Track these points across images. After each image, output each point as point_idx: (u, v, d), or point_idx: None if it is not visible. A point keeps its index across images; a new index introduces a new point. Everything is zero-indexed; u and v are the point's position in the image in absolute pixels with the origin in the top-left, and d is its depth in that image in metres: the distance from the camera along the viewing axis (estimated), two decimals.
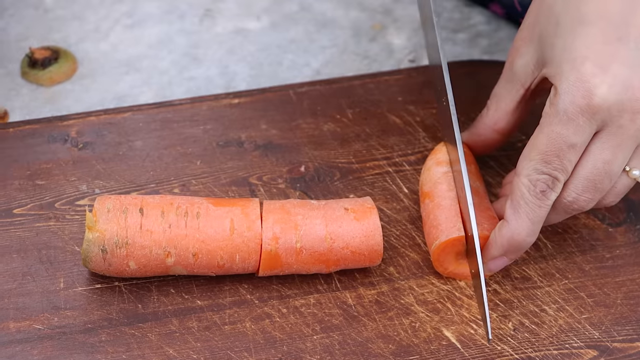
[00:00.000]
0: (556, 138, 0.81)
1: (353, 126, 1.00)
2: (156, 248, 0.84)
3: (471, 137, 0.94)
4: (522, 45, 0.87)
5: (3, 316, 0.84)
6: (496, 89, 0.91)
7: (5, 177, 0.94)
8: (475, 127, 0.93)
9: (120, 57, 1.09)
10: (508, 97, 0.90)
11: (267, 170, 0.96)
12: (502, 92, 0.90)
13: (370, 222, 0.86)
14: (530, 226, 0.83)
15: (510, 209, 0.84)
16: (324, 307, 0.87)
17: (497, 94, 0.91)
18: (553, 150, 0.81)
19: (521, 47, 0.87)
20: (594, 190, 0.83)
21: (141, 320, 0.85)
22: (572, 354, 0.84)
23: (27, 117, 1.02)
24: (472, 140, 0.94)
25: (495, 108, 0.91)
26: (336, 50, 1.11)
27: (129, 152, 0.97)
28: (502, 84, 0.90)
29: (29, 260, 0.88)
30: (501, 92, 0.91)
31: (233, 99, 1.02)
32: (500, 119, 0.91)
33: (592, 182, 0.82)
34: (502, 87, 0.90)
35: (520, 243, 0.84)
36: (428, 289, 0.88)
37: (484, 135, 0.93)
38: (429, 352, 0.84)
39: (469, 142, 0.94)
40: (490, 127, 0.92)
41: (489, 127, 0.92)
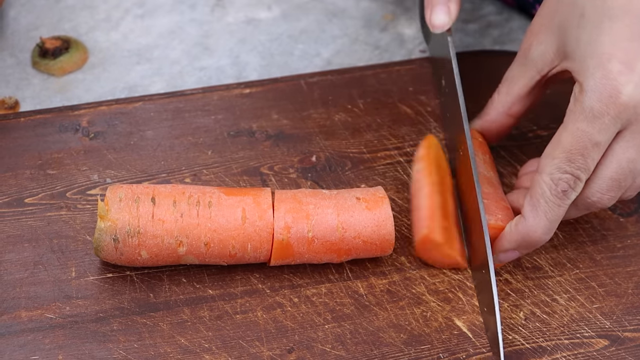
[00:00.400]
0: (581, 136, 0.80)
1: (364, 116, 1.00)
2: (168, 237, 0.84)
3: (483, 123, 0.93)
4: (541, 31, 0.87)
5: (15, 305, 0.84)
6: (509, 73, 0.91)
7: (17, 166, 0.94)
8: (487, 113, 0.93)
9: (131, 46, 1.09)
10: (521, 82, 0.89)
11: (278, 160, 0.96)
12: (515, 75, 0.90)
13: (382, 211, 0.86)
14: (548, 225, 0.83)
15: (528, 205, 0.83)
16: (335, 296, 0.87)
17: (509, 78, 0.91)
18: (578, 148, 0.80)
19: (539, 33, 0.87)
20: (618, 188, 0.82)
21: (153, 310, 0.85)
22: (583, 343, 0.84)
23: (38, 106, 1.02)
24: (484, 126, 0.94)
25: (507, 91, 0.91)
26: (347, 40, 1.11)
27: (140, 141, 0.97)
28: (516, 67, 0.90)
29: (40, 250, 0.88)
30: (514, 75, 0.90)
31: (244, 89, 1.02)
32: (512, 102, 0.91)
33: (616, 182, 0.82)
34: (515, 71, 0.90)
35: (536, 240, 0.84)
36: (439, 279, 0.88)
37: (496, 119, 0.92)
38: (440, 341, 0.84)
39: (481, 129, 0.94)
40: (502, 111, 0.92)
41: (501, 111, 0.92)
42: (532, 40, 0.87)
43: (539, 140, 0.98)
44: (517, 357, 0.83)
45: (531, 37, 0.88)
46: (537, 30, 0.87)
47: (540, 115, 1.00)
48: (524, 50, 0.89)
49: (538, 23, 0.87)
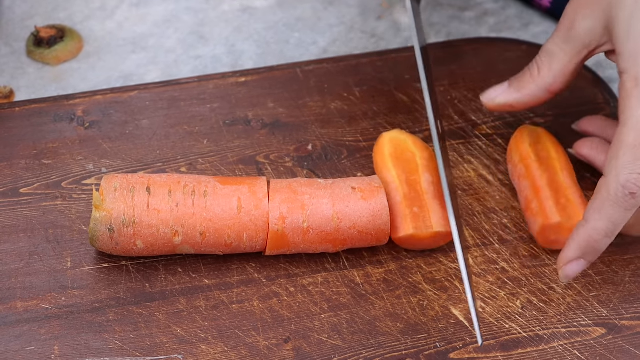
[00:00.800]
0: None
1: (360, 104, 1.00)
2: (163, 227, 0.83)
3: (521, 97, 0.88)
4: (586, 5, 0.83)
5: (10, 296, 0.84)
6: (549, 47, 0.86)
7: (12, 156, 0.94)
8: (524, 87, 0.88)
9: (126, 35, 1.09)
10: (565, 58, 0.85)
11: (274, 148, 0.96)
12: (557, 51, 0.85)
13: (378, 201, 0.86)
14: (611, 228, 0.79)
15: (592, 209, 0.79)
16: (331, 285, 0.86)
17: (551, 53, 0.86)
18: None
19: (584, 7, 0.83)
20: None
21: (149, 300, 0.85)
22: (580, 332, 0.84)
23: (33, 96, 1.02)
24: (520, 100, 0.88)
25: (549, 68, 0.86)
26: (343, 28, 1.11)
27: (136, 131, 0.96)
28: (558, 43, 0.85)
29: (36, 240, 0.88)
30: (556, 51, 0.85)
31: (240, 78, 1.02)
32: (555, 78, 0.86)
33: None
34: (557, 47, 0.85)
35: (598, 243, 0.80)
36: (436, 267, 0.88)
37: (535, 94, 0.87)
38: (437, 330, 0.84)
39: (516, 101, 0.88)
40: (542, 87, 0.87)
41: (543, 88, 0.86)
42: (576, 14, 0.84)
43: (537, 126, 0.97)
44: (514, 345, 0.83)
45: (575, 11, 0.84)
46: (583, 5, 0.83)
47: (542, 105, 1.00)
48: (566, 25, 0.84)
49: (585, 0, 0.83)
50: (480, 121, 0.99)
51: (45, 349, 0.81)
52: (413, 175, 0.90)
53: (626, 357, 0.83)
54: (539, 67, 0.87)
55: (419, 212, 0.87)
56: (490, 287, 0.87)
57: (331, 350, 0.82)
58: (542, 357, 0.82)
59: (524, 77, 0.88)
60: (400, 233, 0.87)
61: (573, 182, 0.90)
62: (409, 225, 0.87)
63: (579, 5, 0.84)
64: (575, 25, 0.84)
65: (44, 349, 0.81)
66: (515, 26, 1.11)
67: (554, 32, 0.86)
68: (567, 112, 0.99)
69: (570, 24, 0.85)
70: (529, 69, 0.87)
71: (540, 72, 0.87)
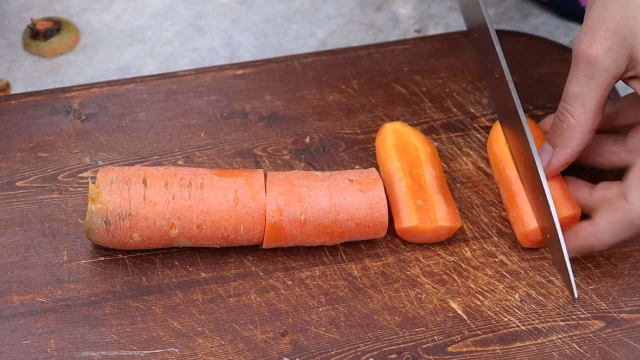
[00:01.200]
0: None
1: (358, 97, 0.99)
2: (160, 219, 0.83)
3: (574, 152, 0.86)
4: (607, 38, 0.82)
5: (6, 289, 0.84)
6: (576, 91, 0.84)
7: (8, 149, 0.93)
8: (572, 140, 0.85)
9: (123, 27, 1.08)
10: (597, 94, 0.84)
11: (271, 141, 0.95)
12: (585, 91, 0.84)
13: (375, 193, 0.85)
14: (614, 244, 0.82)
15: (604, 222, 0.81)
16: (329, 279, 0.86)
17: (579, 96, 0.84)
18: None
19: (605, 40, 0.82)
20: None
21: (145, 293, 0.84)
22: (579, 325, 0.84)
23: (29, 88, 1.01)
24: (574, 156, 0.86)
25: (584, 110, 0.84)
26: (342, 20, 1.10)
27: (132, 123, 0.96)
28: (584, 82, 0.84)
29: (32, 233, 0.87)
30: (584, 91, 0.84)
31: (237, 70, 1.01)
32: (595, 117, 0.84)
33: None
34: (584, 87, 0.84)
35: (595, 250, 0.83)
36: (434, 260, 0.87)
37: (585, 141, 0.85)
38: (435, 323, 0.83)
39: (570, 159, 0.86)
40: (588, 131, 0.85)
41: (587, 131, 0.85)
42: (596, 49, 0.82)
43: (535, 120, 0.97)
44: (513, 339, 0.83)
45: (590, 47, 0.82)
46: (601, 37, 0.82)
47: (536, 95, 1.00)
48: (585, 64, 0.83)
49: (601, 30, 0.82)
50: (479, 114, 0.98)
51: (41, 343, 0.81)
52: (416, 169, 0.90)
53: (625, 350, 0.82)
54: (573, 114, 0.85)
55: (423, 205, 0.87)
56: (488, 280, 0.86)
57: (329, 343, 0.82)
58: (540, 351, 0.82)
59: (562, 131, 0.86)
60: (404, 224, 0.87)
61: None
62: (413, 216, 0.86)
63: (595, 40, 0.83)
64: (600, 60, 0.82)
65: (39, 343, 0.81)
66: (514, 17, 1.11)
67: (574, 75, 0.84)
68: None
69: (592, 60, 0.83)
70: (563, 121, 0.85)
71: (576, 118, 0.85)
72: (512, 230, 0.89)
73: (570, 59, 1.02)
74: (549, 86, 1.01)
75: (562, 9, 1.10)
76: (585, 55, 0.83)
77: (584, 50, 0.83)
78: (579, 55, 0.83)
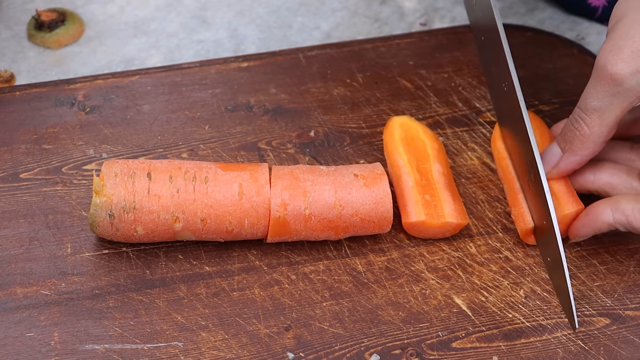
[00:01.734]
0: None
1: (363, 90, 0.99)
2: (164, 213, 0.83)
3: (583, 159, 0.86)
4: (633, 58, 0.81)
5: (10, 281, 0.84)
6: (596, 105, 0.83)
7: (12, 141, 0.93)
8: (583, 148, 0.85)
9: (127, 19, 1.08)
10: (617, 111, 0.83)
11: (276, 135, 0.95)
12: (606, 106, 0.83)
13: (380, 188, 0.85)
14: None
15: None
16: (333, 273, 0.86)
17: (599, 109, 0.83)
18: None
19: (632, 60, 0.81)
20: None
21: (149, 287, 0.84)
22: (584, 321, 0.83)
23: (34, 80, 1.01)
24: (582, 162, 0.87)
25: (600, 123, 0.83)
26: (347, 13, 1.10)
27: (137, 116, 0.96)
28: (606, 98, 0.83)
29: (35, 226, 0.87)
30: (605, 107, 0.83)
31: (242, 63, 1.01)
32: (610, 130, 0.84)
33: None
34: (606, 102, 0.83)
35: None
36: (439, 256, 0.87)
37: (596, 151, 0.86)
38: (439, 319, 0.83)
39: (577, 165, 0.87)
40: (600, 142, 0.85)
41: (599, 142, 0.85)
42: (623, 68, 0.81)
43: (540, 115, 0.97)
44: (517, 335, 0.82)
45: (616, 65, 0.81)
46: (628, 56, 0.81)
47: (542, 90, 0.99)
48: (609, 81, 0.82)
49: (628, 49, 0.81)
50: (484, 108, 0.98)
51: (44, 335, 0.81)
52: (424, 164, 0.89)
53: (630, 347, 0.82)
54: (588, 124, 0.84)
55: (430, 200, 0.87)
56: (493, 276, 0.86)
57: (332, 338, 0.82)
58: (545, 347, 0.82)
59: (575, 138, 0.85)
60: (411, 218, 0.86)
61: None
62: (420, 211, 0.86)
63: (621, 59, 0.81)
64: (625, 80, 0.81)
65: (43, 335, 0.81)
66: (520, 11, 1.10)
67: (595, 89, 0.83)
68: (573, 99, 0.98)
69: (616, 80, 0.82)
70: (577, 129, 0.85)
71: (591, 129, 0.84)
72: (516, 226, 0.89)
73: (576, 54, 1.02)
74: (554, 81, 1.00)
75: (567, 3, 1.10)
76: (609, 73, 0.82)
77: (609, 68, 0.81)
78: (602, 71, 0.82)
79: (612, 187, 0.87)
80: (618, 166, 0.87)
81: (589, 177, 0.88)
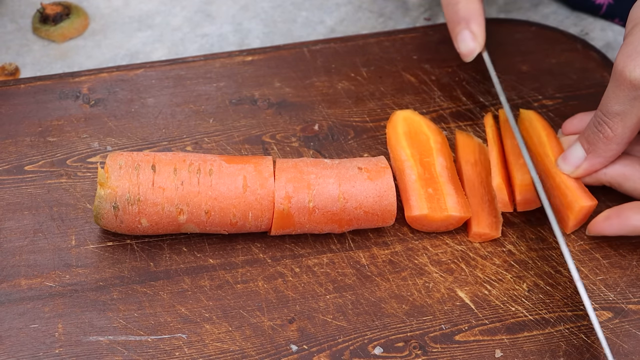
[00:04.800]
0: None
1: (368, 84, 0.99)
2: (168, 205, 0.83)
3: (606, 161, 0.87)
4: None
5: (14, 273, 0.84)
6: (618, 109, 0.84)
7: (17, 133, 0.93)
8: (607, 150, 0.86)
9: (132, 13, 1.08)
10: (638, 114, 0.84)
11: (280, 128, 0.95)
12: (628, 110, 0.83)
13: (384, 182, 0.85)
14: None
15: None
16: (337, 266, 0.86)
17: (621, 113, 0.84)
18: None
19: None
20: None
21: (153, 279, 0.84)
22: (587, 315, 0.83)
23: (39, 73, 1.01)
24: (605, 164, 0.88)
25: (623, 125, 0.84)
26: (351, 7, 1.10)
27: (141, 109, 0.96)
28: (627, 102, 0.83)
29: (40, 218, 0.87)
30: (627, 110, 0.83)
31: (246, 57, 1.01)
32: (633, 132, 0.85)
33: None
34: (628, 106, 0.83)
35: None
36: (442, 249, 0.87)
37: (617, 152, 0.87)
38: (442, 312, 0.83)
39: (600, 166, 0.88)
40: (623, 144, 0.86)
41: (623, 144, 0.86)
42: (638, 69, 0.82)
43: (544, 110, 0.97)
44: (520, 328, 0.83)
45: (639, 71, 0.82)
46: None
47: (545, 84, 0.99)
48: (632, 86, 0.82)
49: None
50: (488, 103, 0.98)
51: (49, 327, 0.81)
52: (427, 158, 0.90)
53: (633, 341, 0.82)
54: (612, 127, 0.85)
55: (433, 194, 0.87)
56: (496, 270, 0.86)
57: (336, 331, 0.82)
58: (548, 341, 0.82)
59: (598, 141, 0.86)
60: (414, 212, 0.86)
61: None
62: (423, 204, 0.86)
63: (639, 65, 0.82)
64: None
65: (47, 327, 0.81)
66: (524, 6, 1.10)
67: (615, 94, 0.83)
68: (577, 94, 0.98)
69: (636, 85, 0.82)
70: (600, 131, 0.85)
71: (614, 132, 0.85)
72: (519, 220, 0.89)
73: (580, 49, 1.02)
74: (558, 76, 1.00)
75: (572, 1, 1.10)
76: (629, 79, 0.82)
77: (628, 74, 0.82)
78: (620, 76, 0.82)
79: (625, 177, 0.87)
80: (631, 157, 0.88)
81: (601, 169, 0.88)
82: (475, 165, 0.91)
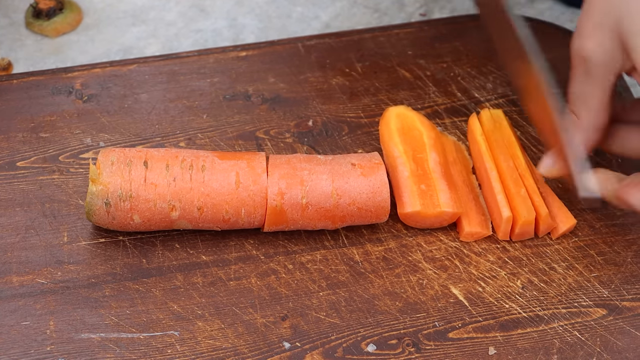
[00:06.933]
0: None
1: (362, 80, 0.99)
2: (160, 201, 0.82)
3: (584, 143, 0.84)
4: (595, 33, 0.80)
5: (6, 270, 0.84)
6: (575, 90, 0.83)
7: (9, 129, 0.93)
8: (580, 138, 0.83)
9: (126, 7, 1.07)
10: (597, 91, 0.82)
11: (274, 124, 0.95)
12: (585, 89, 0.82)
13: (378, 178, 0.85)
14: None
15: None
16: (330, 263, 0.86)
17: (580, 94, 0.82)
18: None
19: (594, 35, 0.80)
20: None
21: (145, 275, 0.84)
22: (581, 312, 0.83)
23: (32, 68, 1.01)
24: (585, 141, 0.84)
25: (586, 108, 0.82)
26: (346, 3, 1.10)
27: (135, 104, 0.95)
28: (582, 81, 0.82)
29: (32, 214, 0.87)
30: (584, 90, 0.82)
31: (241, 52, 1.01)
32: (598, 115, 0.82)
33: None
34: (583, 85, 0.82)
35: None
36: (436, 246, 0.87)
37: (590, 140, 0.83)
38: (436, 309, 0.83)
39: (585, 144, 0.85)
40: (592, 129, 0.83)
41: (591, 129, 0.83)
42: (586, 45, 0.81)
43: None
44: (514, 325, 0.82)
45: (582, 44, 0.81)
46: (590, 33, 0.80)
47: None
48: (579, 61, 0.82)
49: (589, 26, 0.80)
50: (483, 98, 0.98)
51: (40, 324, 0.81)
52: (420, 153, 0.89)
53: (627, 338, 0.82)
54: (576, 112, 0.83)
55: (426, 190, 0.87)
56: (490, 267, 0.86)
57: (329, 328, 0.82)
58: (542, 338, 0.82)
59: (569, 129, 0.83)
60: (406, 209, 0.86)
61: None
62: (416, 201, 0.86)
63: (585, 37, 0.81)
64: (593, 56, 0.81)
65: (39, 324, 0.81)
66: (520, 1, 1.10)
67: (573, 75, 0.83)
68: None
69: (586, 58, 0.81)
70: (571, 120, 0.83)
71: (580, 117, 0.83)
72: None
73: None
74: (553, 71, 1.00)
75: None
76: (579, 55, 0.81)
77: (577, 50, 0.81)
78: (574, 55, 0.82)
79: None
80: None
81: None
82: (455, 164, 0.91)
